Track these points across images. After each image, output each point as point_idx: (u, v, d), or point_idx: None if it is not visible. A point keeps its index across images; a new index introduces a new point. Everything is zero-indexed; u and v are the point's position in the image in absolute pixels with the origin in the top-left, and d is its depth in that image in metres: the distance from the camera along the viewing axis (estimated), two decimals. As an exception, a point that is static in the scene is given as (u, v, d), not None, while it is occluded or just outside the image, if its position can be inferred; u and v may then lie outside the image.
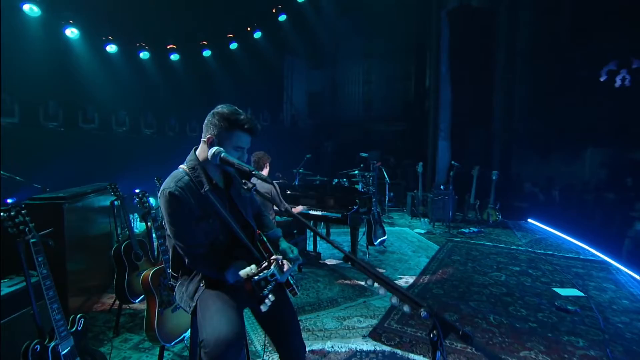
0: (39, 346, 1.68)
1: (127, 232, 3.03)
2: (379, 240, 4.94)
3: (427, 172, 8.85)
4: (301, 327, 2.90)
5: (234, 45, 8.29)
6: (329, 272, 4.27)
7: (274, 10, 8.13)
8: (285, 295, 1.77)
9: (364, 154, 7.33)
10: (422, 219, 6.80)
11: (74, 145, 6.01)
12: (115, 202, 3.12)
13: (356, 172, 7.19)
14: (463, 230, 6.25)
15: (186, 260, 1.59)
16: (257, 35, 8.36)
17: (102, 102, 6.72)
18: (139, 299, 2.88)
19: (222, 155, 1.48)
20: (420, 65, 9.75)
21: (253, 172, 1.42)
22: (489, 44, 8.31)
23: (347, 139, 11.11)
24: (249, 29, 8.24)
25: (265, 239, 1.78)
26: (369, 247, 4.95)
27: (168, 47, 7.61)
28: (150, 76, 7.51)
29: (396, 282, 3.92)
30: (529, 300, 3.49)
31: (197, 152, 1.69)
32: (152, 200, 3.63)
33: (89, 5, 6.19)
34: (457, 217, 7.03)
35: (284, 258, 1.83)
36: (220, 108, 1.65)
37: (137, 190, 2.71)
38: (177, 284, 1.72)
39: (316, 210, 4.39)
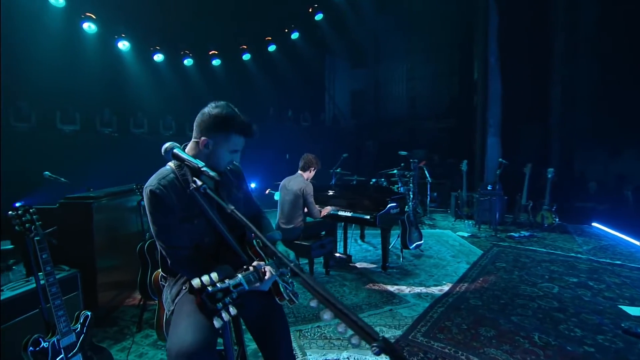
0: (40, 340, 1.70)
1: (153, 231, 3.08)
2: (414, 244, 4.59)
3: (475, 170, 8.20)
4: (318, 334, 2.74)
5: (272, 48, 8.35)
6: (357, 276, 4.04)
7: (310, 10, 8.03)
8: (275, 302, 1.62)
9: (403, 152, 6.95)
10: (466, 221, 6.26)
11: (126, 148, 6.44)
12: (142, 202, 3.19)
13: (395, 171, 6.84)
14: (512, 234, 5.62)
15: (168, 262, 1.50)
16: (295, 36, 8.34)
17: (151, 108, 7.12)
18: (161, 297, 2.90)
19: (174, 150, 1.35)
20: (466, 59, 9.04)
21: (201, 169, 1.27)
22: (544, 30, 7.46)
23: (390, 138, 10.70)
24: (286, 30, 8.23)
25: (255, 242, 1.63)
26: (404, 250, 4.63)
27: (210, 53, 7.86)
28: (194, 82, 7.82)
29: (429, 289, 3.59)
30: (586, 318, 2.96)
31: (187, 149, 1.59)
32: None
33: (139, 19, 6.59)
34: (507, 219, 6.37)
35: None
36: (215, 109, 1.51)
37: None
38: (165, 285, 1.64)
39: (345, 211, 4.18)
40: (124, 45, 6.52)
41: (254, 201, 1.92)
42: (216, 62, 7.96)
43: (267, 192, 5.31)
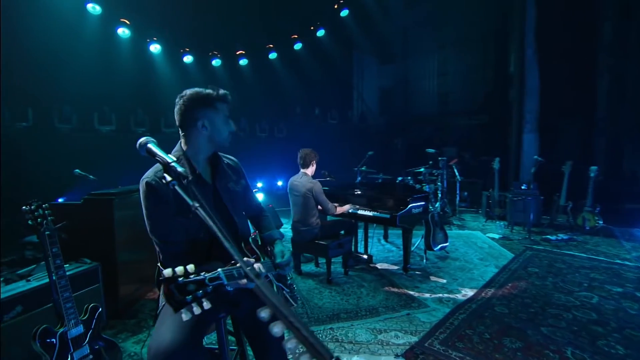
0: (49, 331, 1.75)
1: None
2: (439, 245, 4.36)
3: (510, 168, 7.72)
4: (330, 337, 2.65)
5: (298, 46, 8.32)
6: (377, 277, 3.89)
7: (335, 7, 7.91)
8: None
9: (431, 150, 6.66)
10: (498, 222, 5.87)
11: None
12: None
13: (422, 169, 6.57)
14: (549, 237, 5.20)
15: (161, 257, 1.47)
16: (320, 33, 8.24)
17: (181, 107, 7.31)
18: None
19: (147, 145, 1.31)
20: (501, 51, 8.52)
21: (170, 164, 1.22)
22: (589, 17, 6.84)
23: (419, 135, 10.35)
24: (312, 27, 8.16)
25: (251, 239, 1.58)
26: (427, 251, 4.41)
27: (237, 53, 7.96)
28: (222, 81, 7.95)
29: (452, 293, 3.38)
30: (631, 334, 2.64)
31: (182, 142, 1.56)
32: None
33: (169, 22, 6.79)
34: (543, 221, 5.91)
35: (273, 262, 1.64)
36: (189, 94, 1.51)
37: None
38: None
39: (365, 210, 4.05)
40: (155, 48, 6.75)
41: (255, 199, 1.86)
42: (243, 61, 8.05)
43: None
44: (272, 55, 8.32)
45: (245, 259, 1.35)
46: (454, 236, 5.52)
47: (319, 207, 3.79)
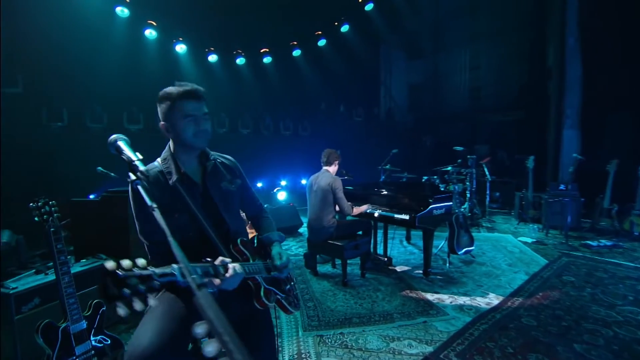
0: (52, 325, 1.79)
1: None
2: (463, 249, 4.12)
3: (547, 167, 7.21)
4: (339, 342, 2.55)
5: (322, 42, 8.22)
6: (395, 280, 3.73)
7: (359, 0, 7.72)
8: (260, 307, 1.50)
9: (459, 148, 6.35)
10: (531, 225, 5.48)
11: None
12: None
13: (449, 168, 6.28)
14: (589, 242, 4.78)
15: (149, 257, 1.44)
16: (345, 28, 8.09)
17: (207, 106, 7.46)
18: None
19: (117, 143, 1.26)
20: (539, 41, 7.95)
21: (133, 162, 1.16)
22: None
23: (449, 132, 9.90)
24: (336, 23, 8.04)
25: (239, 241, 1.51)
26: (451, 255, 4.18)
27: (261, 51, 8.00)
28: (246, 80, 8.05)
29: (475, 301, 3.16)
30: (680, 355, 2.33)
31: (170, 143, 1.53)
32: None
33: (195, 22, 6.93)
34: (584, 224, 5.45)
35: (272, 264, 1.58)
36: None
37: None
38: None
39: (383, 210, 3.89)
40: (181, 48, 6.92)
41: (255, 199, 1.80)
42: (267, 59, 8.07)
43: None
44: (296, 53, 8.29)
45: (220, 258, 1.29)
46: (482, 239, 5.22)
47: (337, 206, 3.69)
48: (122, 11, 5.92)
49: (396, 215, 3.70)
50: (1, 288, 2.25)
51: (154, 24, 6.47)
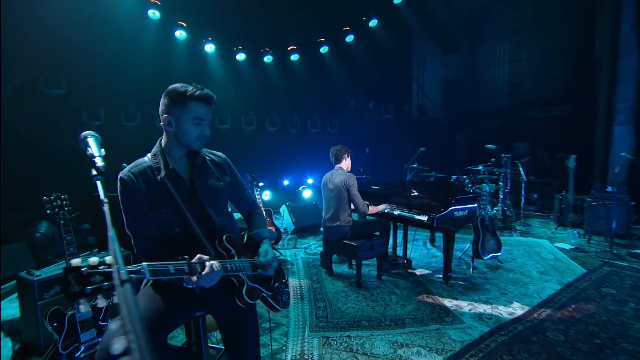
0: (59, 312, 1.89)
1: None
2: (489, 255, 3.88)
3: (595, 168, 6.64)
4: (345, 345, 2.49)
5: (350, 38, 8.09)
6: (412, 284, 3.60)
7: (388, -7, 7.52)
8: (245, 305, 1.50)
9: (491, 146, 6.01)
10: (571, 230, 5.05)
11: (210, 144, 7.09)
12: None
13: (480, 167, 5.97)
14: (638, 251, 4.32)
15: (135, 251, 1.47)
16: (373, 23, 7.91)
17: (233, 105, 7.66)
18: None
19: (87, 139, 1.28)
20: (586, 31, 7.31)
21: (93, 158, 1.17)
22: None
23: (486, 130, 9.43)
24: (364, 18, 7.88)
25: (224, 237, 1.50)
26: (475, 260, 3.96)
27: (288, 48, 8.03)
28: (274, 78, 8.12)
29: (496, 309, 2.96)
30: None
31: (162, 138, 1.55)
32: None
33: (223, 22, 7.10)
34: (634, 231, 4.94)
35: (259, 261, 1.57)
36: (169, 87, 1.49)
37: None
38: None
39: (402, 210, 3.75)
40: (209, 48, 7.11)
41: (246, 195, 1.79)
42: (294, 57, 8.09)
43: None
44: (324, 49, 8.23)
45: (198, 255, 1.30)
46: (514, 243, 4.90)
47: (352, 205, 3.62)
48: (153, 14, 6.18)
49: (416, 216, 3.56)
50: (28, 275, 2.42)
51: (184, 24, 6.70)
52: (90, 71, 5.86)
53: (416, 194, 3.83)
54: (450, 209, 3.40)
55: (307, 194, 7.52)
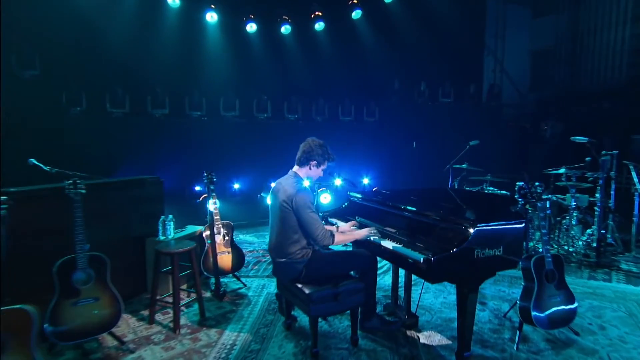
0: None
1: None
2: (547, 317, 2.49)
3: None
4: None
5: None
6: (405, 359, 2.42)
7: None
8: None
9: (580, 139, 4.40)
10: None
11: (214, 135, 6.76)
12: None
13: (562, 170, 4.42)
14: None
15: None
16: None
17: (242, 87, 7.12)
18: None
19: None
20: None
21: None
22: None
23: (590, 117, 7.82)
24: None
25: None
26: (525, 325, 2.61)
27: (312, 15, 7.08)
28: (293, 54, 7.43)
29: None
30: None
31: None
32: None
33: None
34: None
35: None
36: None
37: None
38: None
39: (395, 241, 2.55)
40: (211, 17, 6.53)
41: None
42: (319, 25, 7.12)
43: None
44: (356, 14, 7.10)
45: None
46: (609, 296, 3.33)
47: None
48: (173, 1, 6.05)
49: (406, 253, 2.33)
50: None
51: (213, 6, 6.47)
52: (68, 49, 5.66)
53: (422, 214, 2.59)
54: (468, 241, 2.12)
55: (324, 199, 6.45)
